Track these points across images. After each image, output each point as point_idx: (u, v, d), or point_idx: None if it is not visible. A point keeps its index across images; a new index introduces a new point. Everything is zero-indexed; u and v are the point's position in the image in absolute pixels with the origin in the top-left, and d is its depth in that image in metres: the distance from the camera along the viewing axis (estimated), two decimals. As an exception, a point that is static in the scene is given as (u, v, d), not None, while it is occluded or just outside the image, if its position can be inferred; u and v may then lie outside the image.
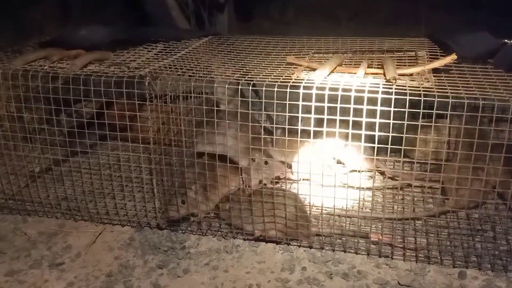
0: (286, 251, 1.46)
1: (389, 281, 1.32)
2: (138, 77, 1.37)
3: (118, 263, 1.44)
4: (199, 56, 1.63)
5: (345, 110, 1.20)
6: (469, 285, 1.30)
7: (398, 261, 1.40)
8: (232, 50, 1.69)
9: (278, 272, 1.38)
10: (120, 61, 1.55)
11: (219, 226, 1.57)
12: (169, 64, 1.51)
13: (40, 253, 1.49)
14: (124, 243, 1.52)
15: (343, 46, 1.70)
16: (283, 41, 1.79)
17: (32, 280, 1.38)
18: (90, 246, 1.51)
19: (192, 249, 1.48)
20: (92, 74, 1.41)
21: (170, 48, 1.71)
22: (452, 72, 1.32)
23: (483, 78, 1.29)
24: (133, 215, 1.61)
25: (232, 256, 1.45)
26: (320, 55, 1.57)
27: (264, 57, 1.59)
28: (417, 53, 1.54)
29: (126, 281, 1.36)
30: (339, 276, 1.35)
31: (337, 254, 1.44)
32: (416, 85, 1.21)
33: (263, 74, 1.37)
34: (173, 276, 1.37)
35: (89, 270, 1.41)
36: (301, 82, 1.25)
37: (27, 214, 1.67)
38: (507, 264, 1.35)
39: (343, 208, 1.47)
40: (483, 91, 1.15)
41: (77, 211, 1.64)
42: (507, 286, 1.29)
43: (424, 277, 1.34)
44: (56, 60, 1.52)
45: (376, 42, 1.72)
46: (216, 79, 1.40)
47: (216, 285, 1.34)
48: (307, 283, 1.33)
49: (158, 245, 1.50)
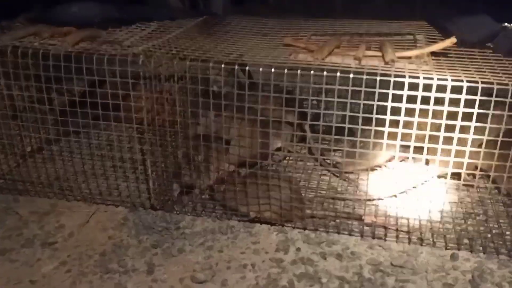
0: (280, 232, 1.46)
1: (382, 261, 1.34)
2: (132, 55, 1.34)
3: (112, 242, 1.43)
4: (194, 36, 1.61)
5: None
6: (461, 266, 1.32)
7: (391, 242, 1.41)
8: (227, 31, 1.67)
9: (273, 253, 1.38)
10: (112, 39, 1.52)
11: (214, 207, 1.56)
12: (163, 43, 1.49)
13: (32, 232, 1.47)
14: (117, 223, 1.52)
15: (341, 28, 1.69)
16: (279, 23, 1.77)
17: (24, 259, 1.37)
18: (83, 226, 1.51)
19: (187, 230, 1.48)
20: (84, 51, 1.38)
21: (164, 27, 1.68)
22: (451, 55, 1.32)
23: (482, 62, 1.29)
24: (127, 196, 1.60)
25: (227, 236, 1.45)
26: (318, 37, 1.56)
27: (261, 39, 1.57)
28: (415, 36, 1.53)
29: (120, 260, 1.36)
30: (332, 257, 1.36)
31: (331, 235, 1.45)
32: (414, 68, 1.21)
33: (260, 56, 1.35)
34: (167, 256, 1.37)
35: (82, 250, 1.40)
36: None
37: (19, 194, 1.65)
38: (498, 247, 1.37)
39: (337, 191, 1.48)
40: (482, 75, 1.15)
41: (69, 191, 1.63)
42: (498, 268, 1.31)
43: (417, 258, 1.35)
44: (46, 37, 1.49)
45: (374, 25, 1.70)
46: (211, 60, 1.38)
47: (211, 264, 1.34)
48: (301, 263, 1.34)
49: (152, 225, 1.49)
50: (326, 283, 1.27)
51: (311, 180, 1.70)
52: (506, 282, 1.26)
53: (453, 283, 1.26)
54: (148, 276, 1.30)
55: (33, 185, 1.64)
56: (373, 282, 1.27)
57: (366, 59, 1.28)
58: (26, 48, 1.40)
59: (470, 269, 1.31)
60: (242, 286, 1.27)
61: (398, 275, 1.29)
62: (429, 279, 1.27)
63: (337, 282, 1.27)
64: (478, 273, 1.29)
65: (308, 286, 1.26)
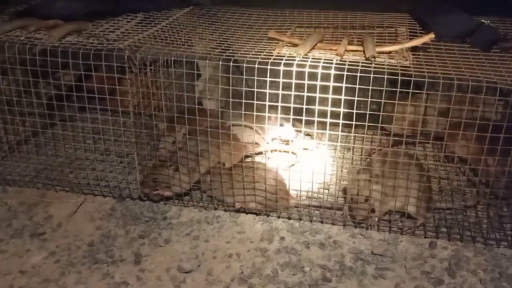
0: (265, 222, 1.50)
1: (363, 250, 1.38)
2: (117, 50, 1.35)
3: (100, 233, 1.46)
4: (180, 28, 1.61)
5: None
6: (439, 254, 1.37)
7: (372, 231, 1.45)
8: (213, 23, 1.68)
9: (258, 242, 1.42)
10: (98, 33, 1.52)
11: (200, 198, 1.59)
12: (149, 36, 1.50)
13: (21, 223, 1.50)
14: (105, 213, 1.54)
15: (325, 20, 1.70)
16: (265, 14, 1.78)
17: (14, 249, 1.39)
18: (71, 216, 1.53)
19: (174, 220, 1.51)
20: (71, 46, 1.39)
21: (150, 19, 1.68)
22: (429, 50, 1.35)
23: (460, 57, 1.32)
24: (114, 186, 1.62)
25: (213, 226, 1.48)
26: (302, 30, 1.57)
27: (246, 30, 1.58)
28: (397, 29, 1.55)
29: (108, 250, 1.39)
30: (316, 246, 1.40)
31: (314, 224, 1.49)
32: (394, 63, 1.24)
33: (244, 49, 1.37)
34: (154, 246, 1.41)
35: (70, 240, 1.43)
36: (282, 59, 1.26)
37: (7, 184, 1.67)
38: (475, 235, 1.42)
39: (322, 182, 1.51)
40: (458, 71, 1.18)
41: (58, 182, 1.65)
42: (474, 256, 1.36)
43: (397, 246, 1.40)
44: (33, 30, 1.49)
45: (358, 17, 1.72)
46: (197, 54, 1.39)
47: (197, 254, 1.37)
48: (285, 253, 1.38)
49: (140, 215, 1.52)
50: (308, 271, 1.31)
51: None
52: (481, 270, 1.31)
53: (431, 271, 1.31)
54: (135, 266, 1.33)
55: (21, 175, 1.65)
56: (354, 271, 1.31)
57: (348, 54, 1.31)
58: (13, 43, 1.40)
59: (447, 257, 1.35)
60: (228, 275, 1.30)
61: (378, 263, 1.34)
62: (408, 267, 1.32)
63: (320, 271, 1.31)
64: (455, 261, 1.34)
65: (291, 275, 1.30)
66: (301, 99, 1.26)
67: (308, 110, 1.28)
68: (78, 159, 1.68)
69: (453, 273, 1.30)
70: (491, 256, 1.35)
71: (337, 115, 1.27)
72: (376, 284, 1.27)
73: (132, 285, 1.27)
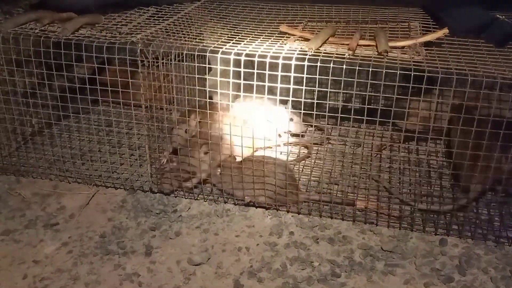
0: (275, 216, 1.50)
1: (372, 246, 1.38)
2: (130, 43, 1.36)
3: (112, 224, 1.48)
4: (192, 22, 1.62)
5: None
6: (449, 252, 1.36)
7: (382, 227, 1.45)
8: (225, 16, 1.67)
9: (267, 236, 1.42)
10: (111, 26, 1.53)
11: (210, 191, 1.60)
12: (161, 30, 1.50)
13: (35, 213, 1.52)
14: (117, 205, 1.56)
15: (337, 14, 1.69)
16: (276, 7, 1.77)
17: (28, 239, 1.42)
18: (83, 208, 1.55)
19: (184, 213, 1.52)
20: (84, 39, 1.40)
21: (162, 12, 1.69)
22: (443, 46, 1.33)
23: (474, 53, 1.30)
24: (126, 179, 1.64)
25: (222, 220, 1.49)
26: (314, 24, 1.56)
27: (258, 24, 1.58)
28: (410, 24, 1.53)
29: (120, 242, 1.40)
30: (325, 241, 1.40)
31: (324, 220, 1.49)
32: (407, 58, 1.22)
33: (256, 43, 1.37)
34: (165, 238, 1.42)
35: (83, 231, 1.45)
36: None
37: (21, 175, 1.70)
38: (486, 233, 1.41)
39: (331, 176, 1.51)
40: (472, 67, 1.17)
41: (70, 173, 1.67)
42: (485, 253, 1.35)
43: (407, 243, 1.39)
44: (47, 23, 1.50)
45: (370, 11, 1.70)
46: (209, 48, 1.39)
47: (207, 247, 1.38)
48: (294, 247, 1.38)
49: (151, 208, 1.53)
50: (317, 266, 1.31)
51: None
52: (492, 268, 1.30)
53: (441, 268, 1.30)
54: (146, 258, 1.35)
55: (35, 166, 1.68)
56: (363, 266, 1.31)
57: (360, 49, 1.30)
58: (28, 36, 1.42)
59: (458, 255, 1.35)
60: (237, 268, 1.31)
61: (388, 260, 1.33)
62: (418, 264, 1.31)
63: (329, 266, 1.31)
64: (465, 258, 1.33)
65: (300, 269, 1.31)
66: (311, 93, 1.26)
67: (319, 105, 1.28)
68: (91, 151, 1.70)
69: (463, 270, 1.29)
70: (502, 254, 1.34)
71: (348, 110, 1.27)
72: (385, 281, 1.27)
73: (143, 277, 1.29)
